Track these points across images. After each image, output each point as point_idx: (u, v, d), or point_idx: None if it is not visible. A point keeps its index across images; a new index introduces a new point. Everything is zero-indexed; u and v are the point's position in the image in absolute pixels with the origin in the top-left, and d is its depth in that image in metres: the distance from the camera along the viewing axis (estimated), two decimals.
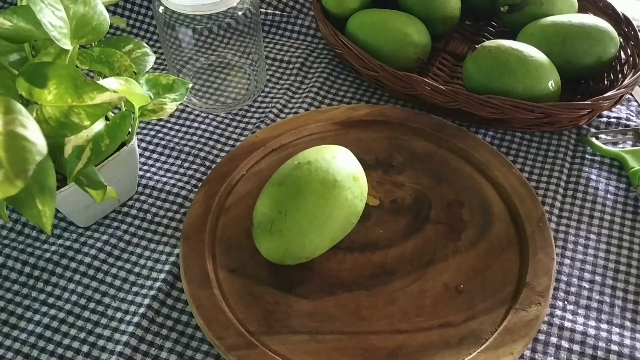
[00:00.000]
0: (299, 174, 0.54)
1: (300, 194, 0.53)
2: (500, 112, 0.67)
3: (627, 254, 0.60)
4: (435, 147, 0.68)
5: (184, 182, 0.67)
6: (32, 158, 0.39)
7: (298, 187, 0.54)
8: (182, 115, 0.75)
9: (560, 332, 0.55)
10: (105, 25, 0.53)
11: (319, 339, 0.53)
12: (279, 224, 0.53)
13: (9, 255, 0.60)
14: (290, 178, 0.55)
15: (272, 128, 0.70)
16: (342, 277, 0.57)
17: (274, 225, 0.53)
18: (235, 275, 0.58)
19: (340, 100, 0.76)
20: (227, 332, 0.53)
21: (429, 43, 0.77)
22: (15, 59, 0.54)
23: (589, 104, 0.66)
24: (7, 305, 0.57)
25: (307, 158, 0.56)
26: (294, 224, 0.53)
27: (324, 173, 0.54)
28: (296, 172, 0.55)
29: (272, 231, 0.53)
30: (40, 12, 0.47)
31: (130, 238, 0.62)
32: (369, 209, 0.63)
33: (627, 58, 0.74)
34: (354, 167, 0.57)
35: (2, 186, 0.38)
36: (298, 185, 0.54)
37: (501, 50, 0.69)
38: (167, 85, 0.59)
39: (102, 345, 0.54)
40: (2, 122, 0.39)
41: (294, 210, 0.53)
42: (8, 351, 0.54)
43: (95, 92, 0.46)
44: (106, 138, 0.52)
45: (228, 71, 0.79)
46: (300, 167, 0.55)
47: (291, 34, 0.85)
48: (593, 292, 0.58)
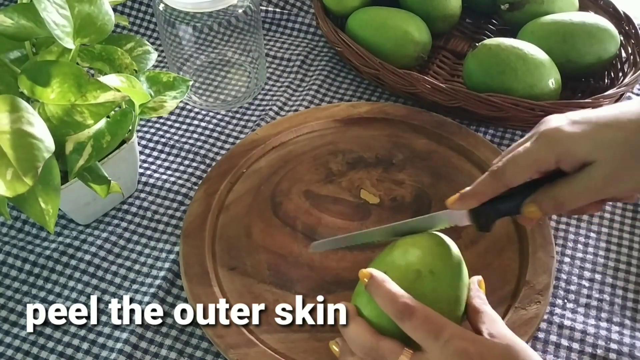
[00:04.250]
0: (422, 290, 0.44)
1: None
2: (500, 110, 0.67)
3: (627, 253, 0.61)
4: (435, 144, 0.68)
5: (184, 180, 0.67)
6: (40, 155, 0.39)
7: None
8: (183, 112, 0.75)
9: (559, 331, 0.55)
10: (110, 25, 0.53)
11: (319, 337, 0.53)
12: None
13: (9, 253, 0.60)
14: (411, 293, 0.43)
15: (272, 126, 0.70)
16: (342, 275, 0.57)
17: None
18: (235, 273, 0.58)
19: (340, 98, 0.76)
20: (227, 330, 0.53)
21: (429, 41, 0.77)
22: (16, 57, 0.54)
23: (589, 102, 0.66)
24: (7, 302, 0.57)
25: (427, 267, 0.45)
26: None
27: (448, 288, 0.45)
28: (418, 286, 0.44)
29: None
30: (45, 10, 0.47)
31: (130, 236, 0.62)
32: (369, 207, 0.63)
33: (628, 56, 0.74)
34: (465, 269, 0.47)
35: (12, 184, 0.38)
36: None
37: (502, 48, 0.69)
38: (167, 83, 0.59)
39: (102, 343, 0.54)
40: (8, 121, 0.39)
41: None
42: (8, 348, 0.54)
43: (98, 90, 0.46)
44: (107, 135, 0.52)
45: (228, 69, 0.79)
46: (421, 281, 0.44)
47: (291, 32, 0.85)
48: (593, 291, 0.58)
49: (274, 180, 0.65)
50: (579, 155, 0.44)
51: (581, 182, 0.44)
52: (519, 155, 0.46)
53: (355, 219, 0.62)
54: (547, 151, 0.45)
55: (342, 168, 0.66)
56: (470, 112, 0.69)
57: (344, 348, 0.46)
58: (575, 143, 0.44)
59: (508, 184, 0.46)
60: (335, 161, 0.67)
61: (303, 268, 0.58)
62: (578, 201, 0.45)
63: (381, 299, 0.43)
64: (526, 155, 0.46)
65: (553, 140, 0.45)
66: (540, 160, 0.45)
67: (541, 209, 0.46)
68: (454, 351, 0.40)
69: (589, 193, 0.44)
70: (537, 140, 0.46)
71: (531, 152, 0.46)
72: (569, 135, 0.44)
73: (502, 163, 0.47)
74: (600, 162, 0.43)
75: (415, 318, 0.42)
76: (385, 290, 0.43)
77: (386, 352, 0.43)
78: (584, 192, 0.44)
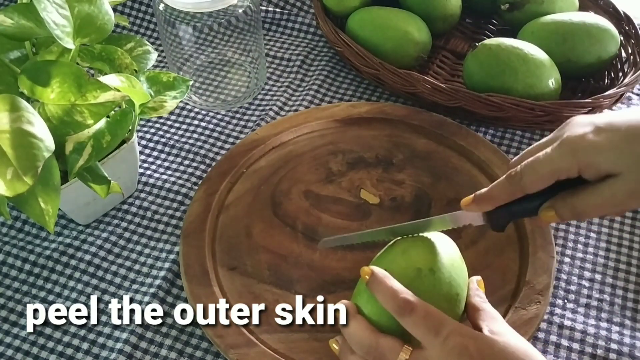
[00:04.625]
0: (422, 288, 0.44)
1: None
2: (500, 110, 0.67)
3: (627, 253, 0.61)
4: (435, 144, 0.68)
5: (184, 180, 0.67)
6: (40, 155, 0.39)
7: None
8: (183, 112, 0.75)
9: (560, 331, 0.55)
10: (110, 25, 0.53)
11: (319, 337, 0.53)
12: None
13: (9, 253, 0.60)
14: (411, 291, 0.44)
15: (272, 126, 0.70)
16: (342, 275, 0.57)
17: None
18: (235, 273, 0.58)
19: (340, 98, 0.76)
20: (227, 330, 0.53)
21: (429, 41, 0.77)
22: (16, 56, 0.54)
23: (589, 102, 0.66)
24: (7, 302, 0.57)
25: (427, 265, 0.45)
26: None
27: (447, 286, 0.45)
28: (419, 284, 0.45)
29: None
30: (44, 10, 0.47)
31: (130, 236, 0.62)
32: (369, 207, 0.63)
33: (628, 56, 0.74)
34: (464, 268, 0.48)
35: (12, 184, 0.38)
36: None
37: (502, 48, 0.69)
38: (167, 83, 0.59)
39: (102, 343, 0.54)
40: (8, 120, 0.39)
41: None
42: (8, 348, 0.54)
43: (98, 90, 0.46)
44: (107, 135, 0.52)
45: (228, 69, 0.79)
46: (422, 279, 0.45)
47: (291, 32, 0.85)
48: (593, 291, 0.58)
49: (274, 180, 0.65)
50: (603, 167, 0.42)
51: (603, 194, 0.42)
52: (538, 162, 0.44)
53: (355, 219, 0.62)
54: (569, 161, 0.43)
55: (342, 168, 0.66)
56: (470, 112, 0.69)
57: (343, 346, 0.46)
58: (600, 154, 0.42)
59: (525, 190, 0.45)
60: (335, 161, 0.67)
61: (303, 268, 0.58)
62: (597, 212, 0.44)
63: (382, 295, 0.43)
64: (547, 162, 0.44)
65: (576, 150, 0.42)
66: (562, 169, 0.43)
67: (559, 215, 0.44)
68: (453, 347, 0.40)
69: (609, 206, 0.43)
70: (559, 147, 0.43)
71: (552, 160, 0.43)
72: (593, 145, 0.42)
73: (521, 168, 0.45)
74: (625, 175, 0.41)
75: (415, 314, 0.42)
76: (386, 286, 0.43)
77: (386, 350, 0.43)
78: (604, 204, 0.43)
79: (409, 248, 0.47)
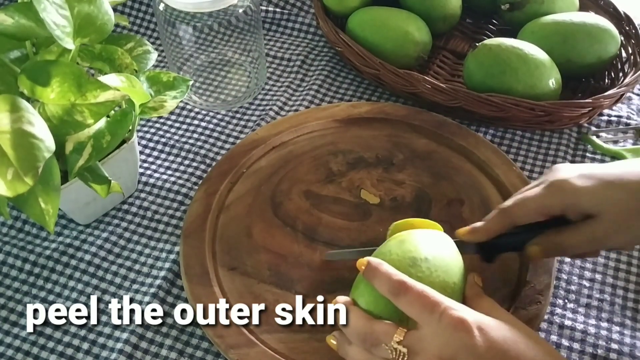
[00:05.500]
0: (418, 275, 0.46)
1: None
2: (500, 110, 0.67)
3: (627, 253, 0.60)
4: (435, 144, 0.68)
5: (184, 180, 0.67)
6: (41, 155, 0.39)
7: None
8: (183, 112, 0.75)
9: (560, 331, 0.55)
10: (110, 25, 0.52)
11: (319, 337, 0.53)
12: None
13: (9, 253, 0.60)
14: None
15: (273, 126, 0.70)
16: (342, 275, 0.57)
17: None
18: (236, 273, 0.58)
19: (340, 98, 0.76)
20: (228, 330, 0.53)
21: (429, 41, 0.77)
22: (16, 56, 0.54)
23: (589, 102, 0.67)
24: (7, 302, 0.57)
25: (422, 254, 0.47)
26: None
27: (444, 274, 0.46)
28: (414, 271, 0.46)
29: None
30: (44, 10, 0.47)
31: (130, 236, 0.62)
32: (369, 207, 0.63)
33: (628, 56, 0.74)
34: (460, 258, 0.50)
35: (12, 184, 0.38)
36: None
37: (502, 48, 0.69)
38: (167, 83, 0.59)
39: (102, 343, 0.54)
40: (9, 120, 0.39)
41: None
42: (8, 348, 0.54)
43: (98, 90, 0.46)
44: (107, 134, 0.52)
45: (228, 69, 0.79)
46: (417, 266, 0.46)
47: (292, 32, 0.85)
48: (593, 291, 0.58)
49: (274, 181, 0.65)
50: (584, 208, 0.48)
51: (584, 233, 0.48)
52: (527, 199, 0.50)
53: (355, 219, 0.62)
54: (555, 200, 0.49)
55: (343, 168, 0.66)
56: (471, 112, 0.69)
57: (341, 339, 0.47)
58: (582, 197, 0.48)
59: (515, 222, 0.50)
60: (335, 161, 0.67)
61: (303, 268, 0.58)
62: (579, 249, 0.50)
63: (377, 281, 0.45)
64: (535, 199, 0.50)
65: (562, 191, 0.48)
66: (548, 207, 0.49)
67: (543, 252, 0.50)
68: (449, 323, 0.41)
69: (589, 243, 0.48)
70: (547, 188, 0.49)
71: (540, 197, 0.49)
72: (576, 189, 0.48)
73: (512, 202, 0.51)
74: (603, 216, 0.47)
75: (410, 293, 0.43)
76: (381, 271, 0.45)
77: (380, 334, 0.43)
78: (585, 242, 0.48)
79: (405, 240, 0.49)
